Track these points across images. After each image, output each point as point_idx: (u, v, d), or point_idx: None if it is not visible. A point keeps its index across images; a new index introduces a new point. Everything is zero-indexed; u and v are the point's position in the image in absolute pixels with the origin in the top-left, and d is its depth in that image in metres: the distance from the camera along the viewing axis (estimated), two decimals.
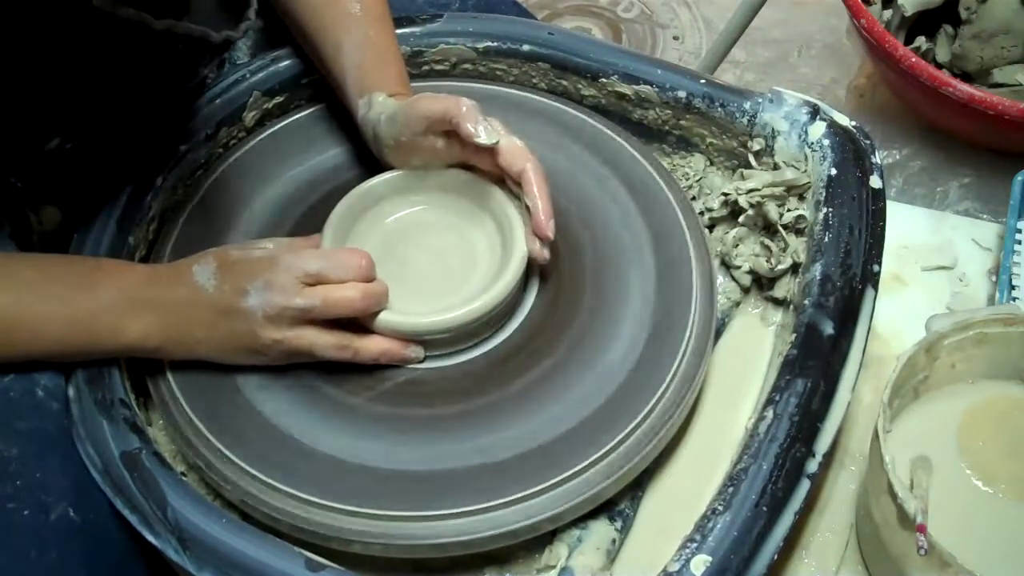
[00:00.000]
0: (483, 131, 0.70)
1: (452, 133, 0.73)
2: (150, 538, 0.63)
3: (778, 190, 0.80)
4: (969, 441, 0.72)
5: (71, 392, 0.70)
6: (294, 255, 0.69)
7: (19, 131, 0.71)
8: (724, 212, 0.84)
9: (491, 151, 0.72)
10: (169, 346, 0.70)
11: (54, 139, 0.74)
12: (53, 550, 0.68)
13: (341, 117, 0.87)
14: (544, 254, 0.72)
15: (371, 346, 0.71)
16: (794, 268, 0.80)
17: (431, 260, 0.77)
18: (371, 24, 0.82)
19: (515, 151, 0.72)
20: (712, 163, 0.89)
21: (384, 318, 0.71)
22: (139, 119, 0.82)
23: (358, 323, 0.71)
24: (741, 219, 0.82)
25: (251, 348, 0.70)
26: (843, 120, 0.81)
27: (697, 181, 0.89)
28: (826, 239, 0.75)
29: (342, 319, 0.70)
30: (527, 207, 0.72)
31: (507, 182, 0.75)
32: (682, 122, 0.88)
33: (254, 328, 0.68)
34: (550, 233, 0.71)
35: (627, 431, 0.68)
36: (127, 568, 0.72)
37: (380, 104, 0.77)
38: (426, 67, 0.93)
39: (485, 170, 0.76)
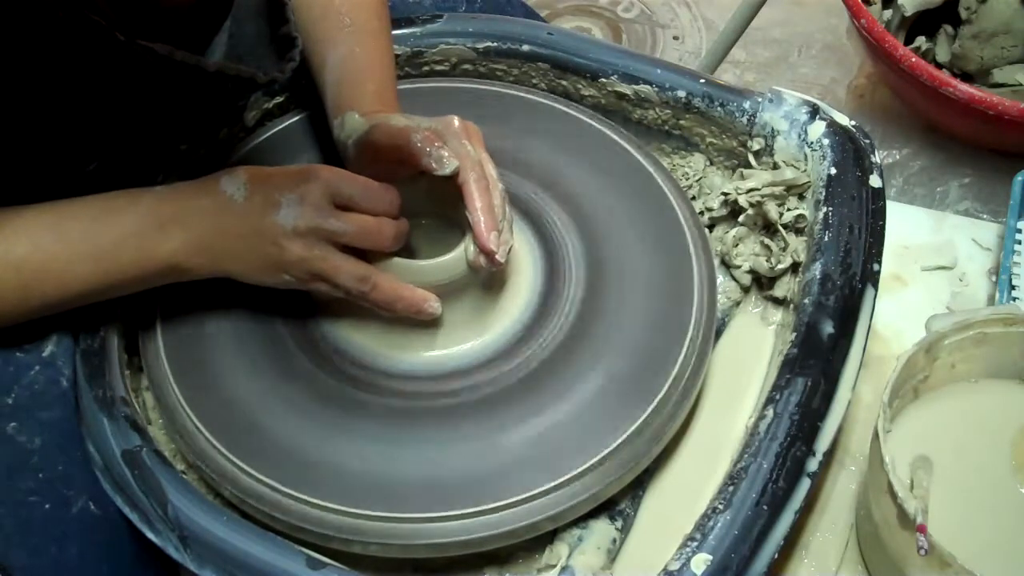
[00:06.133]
0: (436, 163, 0.69)
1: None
2: (151, 536, 0.63)
3: (778, 189, 0.81)
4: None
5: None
6: (331, 172, 0.68)
7: (63, 157, 0.72)
8: (724, 212, 0.84)
9: None
10: (198, 260, 0.68)
11: (94, 163, 0.74)
12: (74, 545, 0.68)
13: None
14: (481, 262, 0.70)
15: (391, 285, 0.69)
16: (794, 267, 0.80)
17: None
18: (359, 39, 0.81)
19: (461, 163, 0.70)
20: (712, 163, 0.89)
21: (397, 259, 0.71)
22: (165, 136, 0.82)
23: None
24: (741, 219, 0.82)
25: (276, 263, 0.68)
26: (843, 120, 0.81)
27: (697, 181, 0.89)
28: (826, 238, 0.75)
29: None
30: (468, 221, 0.71)
31: None
32: (682, 122, 0.88)
33: (281, 241, 0.67)
34: (492, 246, 0.69)
35: (628, 431, 0.68)
36: (148, 560, 0.72)
37: (350, 126, 0.76)
38: (426, 67, 0.93)
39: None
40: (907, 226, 0.94)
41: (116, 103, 0.72)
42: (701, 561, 0.59)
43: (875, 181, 0.78)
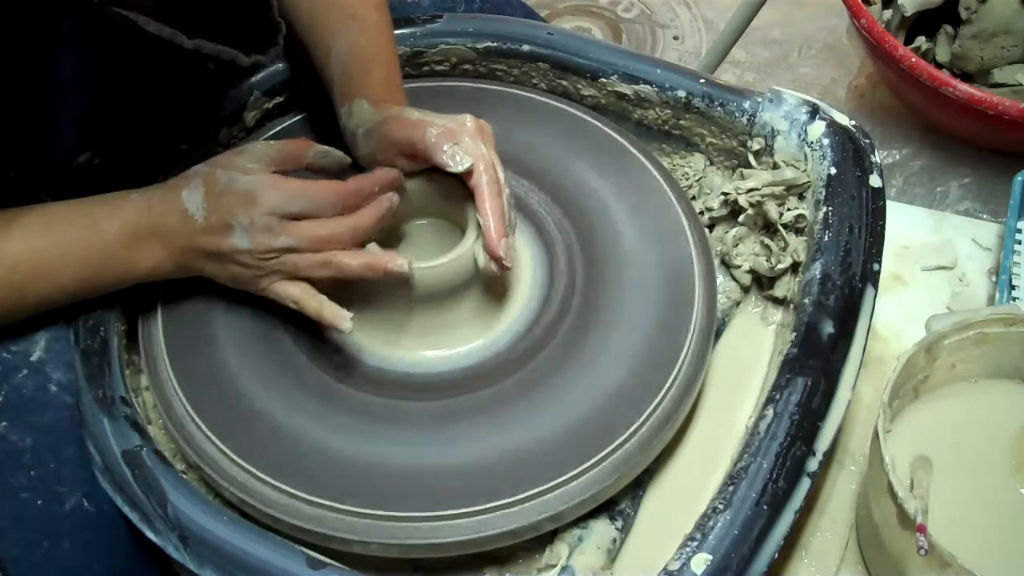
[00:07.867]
0: (451, 161, 0.70)
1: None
2: (151, 535, 0.63)
3: (778, 189, 0.81)
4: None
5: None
6: (276, 193, 0.69)
7: (51, 147, 0.73)
8: (724, 212, 0.84)
9: None
10: (179, 272, 0.73)
11: (84, 154, 0.75)
12: (66, 540, 0.69)
13: None
14: (492, 268, 0.71)
15: (354, 260, 0.70)
16: (794, 267, 0.80)
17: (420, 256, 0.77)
18: (363, 31, 0.81)
19: (475, 163, 0.70)
20: (712, 163, 0.89)
21: (373, 247, 0.71)
22: (165, 136, 0.83)
23: None
24: (741, 218, 0.82)
25: (244, 278, 0.71)
26: (842, 119, 0.81)
27: (697, 181, 0.89)
28: (826, 238, 0.75)
29: None
30: (478, 223, 0.71)
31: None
32: (682, 122, 0.88)
33: (241, 260, 0.70)
34: (501, 252, 0.69)
35: (628, 431, 0.68)
36: (142, 558, 0.72)
37: (359, 114, 0.77)
38: (426, 67, 0.93)
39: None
40: (907, 226, 0.94)
41: (98, 87, 0.72)
42: (701, 561, 0.59)
43: (875, 181, 0.78)
